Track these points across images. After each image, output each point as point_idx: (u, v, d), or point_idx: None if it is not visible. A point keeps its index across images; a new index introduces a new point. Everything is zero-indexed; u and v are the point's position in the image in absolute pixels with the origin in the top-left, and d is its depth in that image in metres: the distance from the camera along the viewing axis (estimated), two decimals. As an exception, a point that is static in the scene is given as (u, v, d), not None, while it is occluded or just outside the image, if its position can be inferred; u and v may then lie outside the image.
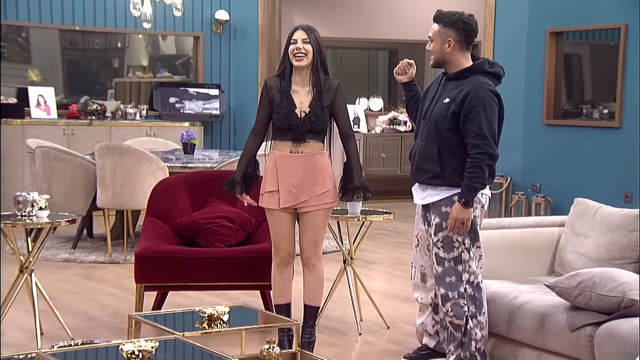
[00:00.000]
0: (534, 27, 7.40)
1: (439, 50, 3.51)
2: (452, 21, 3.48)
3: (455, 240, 3.49)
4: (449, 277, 3.50)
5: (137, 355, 2.62)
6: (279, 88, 3.76)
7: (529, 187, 7.52)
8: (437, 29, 3.52)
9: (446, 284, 3.50)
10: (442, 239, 3.50)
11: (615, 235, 3.74)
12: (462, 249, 3.49)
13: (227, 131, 9.21)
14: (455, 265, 3.49)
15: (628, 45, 6.66)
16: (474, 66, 3.51)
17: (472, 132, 3.40)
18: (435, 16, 3.55)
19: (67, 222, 4.11)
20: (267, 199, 3.80)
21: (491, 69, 3.53)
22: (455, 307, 3.49)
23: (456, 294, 3.49)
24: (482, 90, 3.42)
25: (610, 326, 3.18)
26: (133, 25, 8.60)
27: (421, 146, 3.56)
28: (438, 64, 3.56)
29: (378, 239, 7.13)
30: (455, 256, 3.49)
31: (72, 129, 8.09)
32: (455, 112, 3.44)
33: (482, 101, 3.40)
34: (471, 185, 3.42)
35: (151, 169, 5.98)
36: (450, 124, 3.46)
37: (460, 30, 3.48)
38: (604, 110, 7.13)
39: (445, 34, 3.49)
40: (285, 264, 3.84)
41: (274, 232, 3.82)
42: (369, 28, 10.03)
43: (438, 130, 3.49)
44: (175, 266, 4.09)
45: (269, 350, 2.92)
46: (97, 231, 6.86)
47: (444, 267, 3.50)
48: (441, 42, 3.50)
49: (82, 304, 4.94)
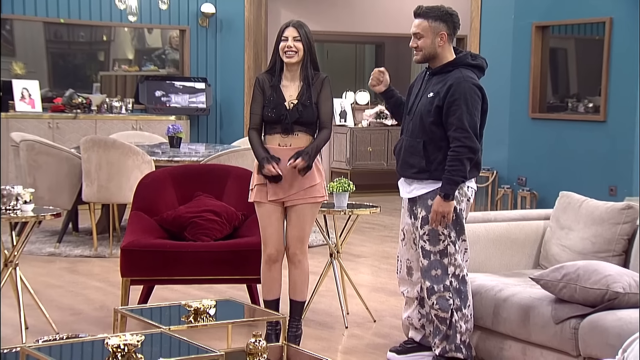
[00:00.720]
0: (520, 21, 7.42)
1: (430, 45, 3.49)
2: (442, 14, 3.48)
3: (441, 233, 3.50)
4: (434, 270, 3.51)
5: (123, 349, 2.61)
6: (270, 83, 3.80)
7: (515, 180, 7.55)
8: (426, 24, 3.49)
9: (432, 277, 3.52)
10: (428, 232, 3.51)
11: (600, 228, 3.76)
12: (448, 242, 3.50)
13: (214, 125, 9.19)
14: (441, 259, 3.51)
15: (613, 40, 6.70)
16: (456, 60, 3.51)
17: (453, 125, 3.41)
18: (421, 12, 3.51)
19: (52, 215, 4.08)
20: (256, 192, 3.81)
21: (474, 61, 3.53)
22: (441, 300, 3.50)
23: (442, 287, 3.50)
24: (464, 83, 3.43)
25: (594, 318, 3.20)
26: (118, 18, 8.55)
27: (406, 141, 3.57)
28: (426, 59, 3.55)
29: (365, 232, 7.14)
30: (441, 249, 3.51)
31: (57, 122, 8.04)
32: (439, 105, 3.46)
33: (464, 94, 3.41)
34: (451, 178, 3.43)
35: (137, 163, 5.96)
36: (434, 118, 3.47)
37: (449, 23, 3.49)
38: (589, 104, 7.17)
39: (437, 28, 3.48)
40: (274, 261, 3.85)
41: (263, 226, 3.83)
42: (355, 22, 10.02)
43: (423, 125, 3.50)
44: (161, 260, 4.08)
45: (255, 344, 2.93)
46: (83, 225, 6.83)
47: (430, 260, 3.52)
48: (433, 36, 3.48)
49: (68, 298, 4.92)
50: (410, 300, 3.75)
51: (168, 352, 2.82)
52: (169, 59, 9.13)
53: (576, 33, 7.61)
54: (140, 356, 2.65)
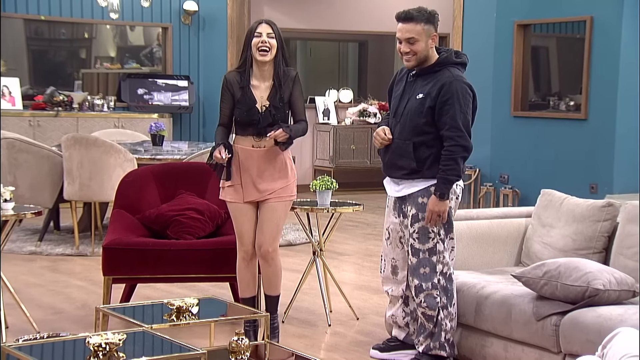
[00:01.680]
0: (502, 20, 7.46)
1: (425, 48, 3.46)
2: (430, 16, 3.48)
3: (431, 231, 3.50)
4: (423, 268, 3.51)
5: (104, 348, 2.60)
6: (239, 83, 3.79)
7: (497, 178, 7.59)
8: (420, 28, 3.44)
9: (420, 275, 3.52)
10: (418, 230, 3.51)
11: (581, 226, 3.79)
12: (437, 240, 3.51)
13: (196, 123, 9.16)
14: (430, 257, 3.51)
15: (593, 38, 6.75)
16: (443, 59, 3.51)
17: (447, 124, 3.42)
18: (412, 15, 3.46)
19: (32, 214, 4.06)
20: (230, 192, 3.82)
21: (458, 59, 3.54)
22: (429, 298, 3.51)
23: (430, 285, 3.51)
24: (456, 83, 3.44)
25: (575, 315, 3.23)
26: (100, 15, 8.50)
27: (394, 144, 3.55)
28: (420, 63, 3.49)
29: (348, 230, 7.15)
30: (430, 247, 3.51)
31: (38, 120, 7.98)
32: (431, 106, 3.45)
33: (456, 94, 3.42)
34: (446, 177, 3.44)
35: (119, 161, 5.93)
36: (427, 119, 3.46)
37: (436, 24, 3.51)
38: (570, 102, 7.22)
39: (429, 31, 3.47)
40: (250, 258, 3.86)
41: (238, 224, 3.84)
42: (338, 20, 10.02)
43: (413, 127, 3.48)
44: (143, 258, 4.06)
45: (237, 341, 2.92)
46: (64, 223, 6.79)
47: (419, 258, 3.52)
48: (426, 39, 3.46)
49: (49, 296, 4.89)
50: (394, 299, 3.75)
51: (150, 350, 2.81)
52: (156, 57, 9.09)
53: (557, 32, 7.66)
54: (122, 355, 2.64)
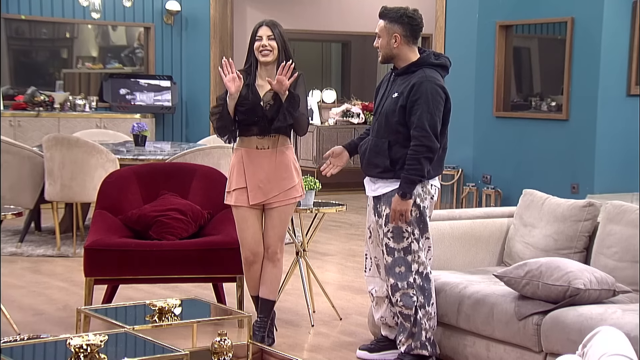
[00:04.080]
0: (484, 20, 7.49)
1: (386, 45, 3.55)
2: (397, 16, 3.52)
3: (405, 230, 3.52)
4: (398, 267, 3.53)
5: (86, 350, 2.58)
6: (246, 81, 3.81)
7: (480, 178, 7.62)
8: (383, 25, 3.54)
9: (396, 274, 3.53)
10: (392, 229, 3.53)
11: (562, 226, 3.81)
12: (412, 239, 3.52)
13: (179, 123, 9.13)
14: (405, 256, 3.53)
15: (574, 39, 6.80)
16: (419, 60, 3.54)
17: (414, 124, 3.45)
18: (381, 12, 3.57)
19: (13, 215, 4.03)
20: (235, 196, 3.83)
21: (437, 60, 3.57)
22: (405, 297, 3.52)
23: (405, 284, 3.52)
24: (426, 83, 3.46)
25: (556, 314, 3.25)
26: (81, 15, 8.44)
27: (372, 141, 3.60)
28: (386, 59, 3.60)
29: (331, 230, 7.16)
30: (405, 246, 3.52)
31: (18, 120, 7.92)
32: (403, 105, 3.48)
33: (425, 94, 3.44)
34: (409, 177, 3.45)
35: (101, 161, 5.90)
36: (399, 118, 3.50)
37: (405, 25, 3.51)
38: (552, 102, 7.27)
39: (392, 30, 3.52)
40: (251, 263, 3.89)
41: (240, 229, 3.86)
42: (321, 20, 10.03)
43: (388, 125, 3.53)
44: (125, 259, 4.04)
45: (220, 343, 2.92)
46: (46, 224, 6.74)
47: (394, 258, 3.54)
48: (388, 37, 3.53)
49: (30, 298, 4.85)
50: (380, 300, 3.73)
51: (133, 352, 2.80)
52: (138, 57, 9.05)
53: (539, 32, 7.71)
54: (103, 356, 2.63)
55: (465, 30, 7.66)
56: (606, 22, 6.62)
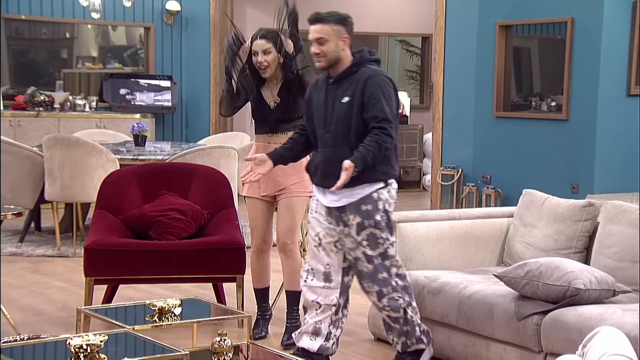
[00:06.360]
0: (484, 21, 7.49)
1: (334, 49, 3.43)
2: (341, 18, 3.48)
3: (379, 237, 3.41)
4: (380, 274, 3.44)
5: (86, 350, 2.58)
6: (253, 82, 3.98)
7: (480, 178, 7.62)
8: (329, 29, 3.44)
9: (379, 281, 3.45)
10: (367, 237, 3.41)
11: (562, 226, 3.81)
12: (388, 245, 3.44)
13: (179, 123, 9.13)
14: (383, 261, 3.44)
15: (574, 39, 6.79)
16: (358, 59, 3.47)
17: (377, 117, 3.35)
18: (321, 17, 3.47)
19: (13, 215, 4.03)
20: (248, 187, 4.03)
21: (373, 56, 3.51)
22: (392, 301, 3.46)
23: (390, 289, 3.46)
24: (377, 77, 3.41)
25: (556, 315, 3.25)
26: (81, 15, 8.44)
27: (327, 153, 3.43)
28: (331, 64, 3.46)
29: (331, 230, 7.14)
30: (382, 252, 3.43)
31: (18, 120, 7.92)
32: (359, 105, 3.38)
33: (380, 87, 3.38)
34: (365, 156, 3.30)
35: (101, 161, 5.90)
36: (359, 121, 3.38)
37: (348, 26, 3.48)
38: (552, 102, 7.26)
39: (340, 32, 3.44)
40: (261, 252, 4.04)
41: (251, 218, 4.05)
42: (321, 20, 10.02)
43: (347, 132, 3.40)
44: (125, 259, 4.04)
45: (220, 342, 2.92)
46: (46, 224, 6.74)
47: (374, 265, 3.43)
48: (337, 40, 3.43)
49: (29, 298, 4.85)
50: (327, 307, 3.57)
51: (133, 352, 2.80)
52: (140, 58, 9.05)
53: (539, 32, 7.71)
54: (103, 356, 2.63)
55: (465, 30, 7.66)
56: (606, 22, 6.62)
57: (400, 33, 10.66)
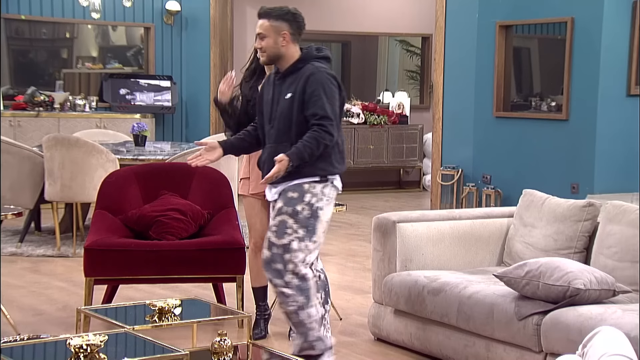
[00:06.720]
0: (484, 20, 7.49)
1: (273, 45, 3.43)
2: (283, 14, 3.44)
3: (289, 226, 3.35)
4: (275, 264, 3.35)
5: (85, 350, 2.58)
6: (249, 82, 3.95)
7: (480, 178, 7.62)
8: (268, 24, 3.43)
9: (272, 270, 3.36)
10: (279, 223, 3.36)
11: (562, 226, 3.81)
12: (294, 238, 3.34)
13: (179, 123, 9.13)
14: (284, 253, 3.35)
15: (574, 39, 6.79)
16: (304, 55, 3.45)
17: (317, 115, 3.33)
18: (263, 12, 3.46)
19: (13, 215, 4.03)
20: (241, 185, 4.08)
21: (320, 53, 3.49)
22: (281, 295, 3.36)
23: (281, 282, 3.35)
24: (319, 74, 3.38)
25: (556, 315, 3.25)
26: (81, 15, 8.44)
27: (271, 149, 3.43)
28: (272, 60, 3.46)
29: (331, 230, 7.11)
30: (285, 243, 3.34)
31: (18, 120, 7.92)
32: (301, 102, 3.37)
33: (321, 84, 3.35)
34: (302, 152, 3.29)
35: (101, 161, 5.90)
36: (301, 118, 3.37)
37: (292, 22, 3.44)
38: (552, 102, 7.26)
39: (279, 28, 3.43)
40: (259, 249, 3.96)
41: (249, 215, 4.09)
42: (321, 20, 10.02)
43: (288, 128, 3.39)
44: (125, 259, 4.04)
45: (220, 342, 2.92)
46: (46, 224, 6.74)
47: (272, 253, 3.36)
48: (275, 36, 3.42)
49: (30, 298, 4.85)
50: None
51: (133, 352, 2.80)
52: (143, 58, 9.05)
53: (539, 32, 7.71)
54: (103, 356, 2.63)
55: (465, 30, 7.65)
56: (606, 22, 6.62)
57: (401, 33, 10.66)
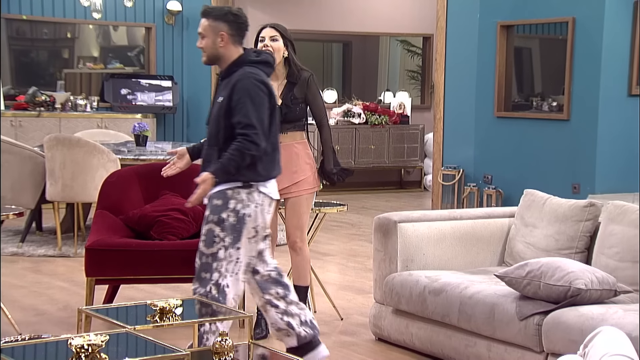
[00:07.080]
0: (485, 21, 7.49)
1: (212, 45, 3.39)
2: (222, 14, 3.40)
3: (216, 235, 3.32)
4: (204, 273, 3.34)
5: (87, 350, 2.58)
6: None
7: (481, 178, 7.62)
8: (207, 24, 3.40)
9: (201, 279, 3.35)
10: (206, 232, 3.34)
11: (563, 226, 3.81)
12: (221, 246, 3.32)
13: (180, 123, 9.13)
14: (212, 262, 3.33)
15: (575, 39, 6.79)
16: (239, 59, 3.37)
17: (241, 123, 3.27)
18: (204, 11, 3.43)
19: (14, 215, 4.03)
20: None
21: (258, 57, 3.43)
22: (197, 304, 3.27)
23: (203, 291, 3.34)
24: (246, 80, 3.31)
25: (558, 315, 3.25)
26: (83, 15, 8.45)
27: (206, 151, 3.41)
28: (211, 60, 3.43)
29: (332, 230, 7.16)
30: (214, 252, 3.32)
31: (19, 120, 7.92)
32: (228, 108, 3.33)
33: (247, 91, 3.29)
34: (226, 166, 3.25)
35: (102, 161, 5.90)
36: (227, 123, 3.33)
37: (231, 23, 3.38)
38: (553, 102, 7.26)
39: (217, 28, 3.38)
40: None
41: None
42: (322, 20, 10.03)
43: (217, 132, 3.36)
44: (126, 259, 4.04)
45: (221, 343, 2.91)
46: (47, 224, 6.75)
47: (202, 262, 3.35)
48: (213, 36, 3.38)
49: (31, 298, 4.85)
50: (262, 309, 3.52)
51: (134, 352, 2.80)
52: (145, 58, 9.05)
53: (540, 32, 7.71)
54: (104, 356, 2.63)
55: (467, 30, 7.65)
56: (607, 22, 6.62)
57: (402, 33, 10.66)
